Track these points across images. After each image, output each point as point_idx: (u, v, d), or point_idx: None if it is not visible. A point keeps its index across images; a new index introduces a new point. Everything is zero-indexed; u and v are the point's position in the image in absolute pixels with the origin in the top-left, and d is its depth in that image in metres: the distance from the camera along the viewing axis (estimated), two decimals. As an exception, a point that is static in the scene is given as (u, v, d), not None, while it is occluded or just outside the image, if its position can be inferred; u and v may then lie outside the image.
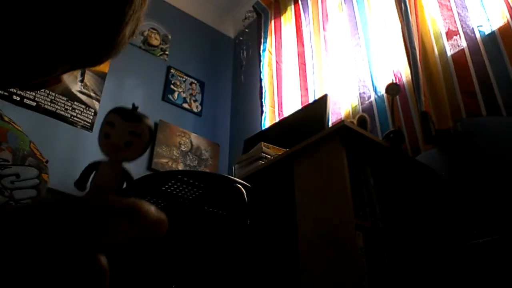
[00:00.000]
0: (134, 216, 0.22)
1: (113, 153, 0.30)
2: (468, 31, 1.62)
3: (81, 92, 2.39)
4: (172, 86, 2.86)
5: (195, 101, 2.95)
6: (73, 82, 2.38)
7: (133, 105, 0.29)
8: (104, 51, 0.38)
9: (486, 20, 1.58)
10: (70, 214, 0.20)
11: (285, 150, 1.59)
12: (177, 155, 2.60)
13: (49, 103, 2.22)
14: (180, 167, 2.57)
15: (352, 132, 1.34)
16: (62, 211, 0.21)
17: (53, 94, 2.26)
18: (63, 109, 2.27)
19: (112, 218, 0.21)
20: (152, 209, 0.23)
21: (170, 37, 3.02)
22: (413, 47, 1.73)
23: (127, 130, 0.29)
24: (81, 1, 0.32)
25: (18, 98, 2.12)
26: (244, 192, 1.36)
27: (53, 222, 0.20)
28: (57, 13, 0.31)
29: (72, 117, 2.28)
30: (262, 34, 2.91)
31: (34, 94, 2.19)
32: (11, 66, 0.33)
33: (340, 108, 2.10)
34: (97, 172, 0.30)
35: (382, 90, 1.89)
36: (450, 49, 1.65)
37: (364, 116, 1.67)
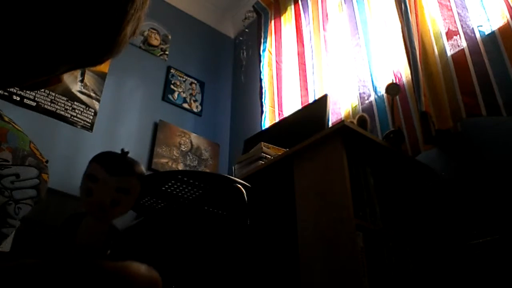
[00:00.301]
0: (124, 280, 0.21)
1: (97, 213, 0.27)
2: (468, 31, 1.61)
3: (81, 92, 2.39)
4: (172, 86, 2.86)
5: (195, 101, 2.95)
6: (73, 82, 2.38)
7: (122, 150, 0.26)
8: (105, 50, 0.37)
9: (486, 20, 1.58)
10: (61, 278, 0.20)
11: (285, 150, 1.59)
12: (177, 155, 2.60)
13: (49, 103, 2.22)
14: (180, 167, 2.57)
15: (352, 132, 1.34)
16: (52, 276, 0.20)
17: (53, 94, 2.26)
18: (63, 109, 2.27)
19: (102, 283, 0.20)
20: (142, 270, 0.22)
21: (170, 37, 3.02)
22: (413, 47, 1.73)
23: (113, 187, 0.26)
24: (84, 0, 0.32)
25: (18, 98, 2.12)
26: (244, 192, 1.35)
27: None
28: (59, 12, 0.31)
29: (72, 117, 2.28)
30: (262, 34, 2.91)
31: (34, 94, 2.19)
32: (13, 64, 0.33)
33: (340, 108, 2.10)
34: (81, 227, 0.27)
35: (382, 90, 1.89)
36: (450, 49, 1.65)
37: (364, 116, 1.67)
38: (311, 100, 2.25)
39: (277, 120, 2.44)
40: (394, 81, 1.83)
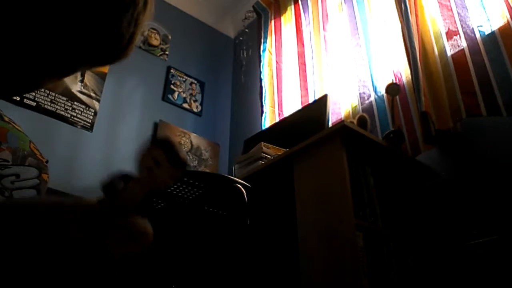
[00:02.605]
0: (142, 238, 0.24)
1: (143, 173, 0.32)
2: (468, 31, 1.61)
3: (81, 92, 2.39)
4: (172, 86, 2.86)
5: (195, 101, 2.95)
6: (73, 82, 2.38)
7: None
8: (121, 52, 0.42)
9: (486, 20, 1.58)
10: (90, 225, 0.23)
11: (285, 150, 1.59)
12: (177, 155, 2.60)
13: (49, 103, 2.22)
14: (180, 167, 2.57)
15: (352, 132, 1.34)
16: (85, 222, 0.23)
17: (53, 94, 2.26)
18: (63, 109, 2.27)
19: (128, 238, 0.24)
20: (150, 228, 0.25)
21: (170, 37, 3.02)
22: (413, 47, 1.73)
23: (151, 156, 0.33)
24: (104, 17, 0.37)
25: (18, 98, 2.12)
26: (244, 192, 1.36)
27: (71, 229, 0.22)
28: (84, 21, 0.34)
29: (72, 117, 2.28)
30: (262, 34, 2.91)
31: (34, 94, 2.19)
32: (37, 67, 0.35)
33: (340, 108, 2.10)
34: (125, 188, 0.32)
35: (382, 90, 1.89)
36: (450, 49, 1.65)
37: (364, 116, 1.67)
38: (311, 100, 2.25)
39: (277, 120, 2.44)
40: (394, 81, 1.83)
